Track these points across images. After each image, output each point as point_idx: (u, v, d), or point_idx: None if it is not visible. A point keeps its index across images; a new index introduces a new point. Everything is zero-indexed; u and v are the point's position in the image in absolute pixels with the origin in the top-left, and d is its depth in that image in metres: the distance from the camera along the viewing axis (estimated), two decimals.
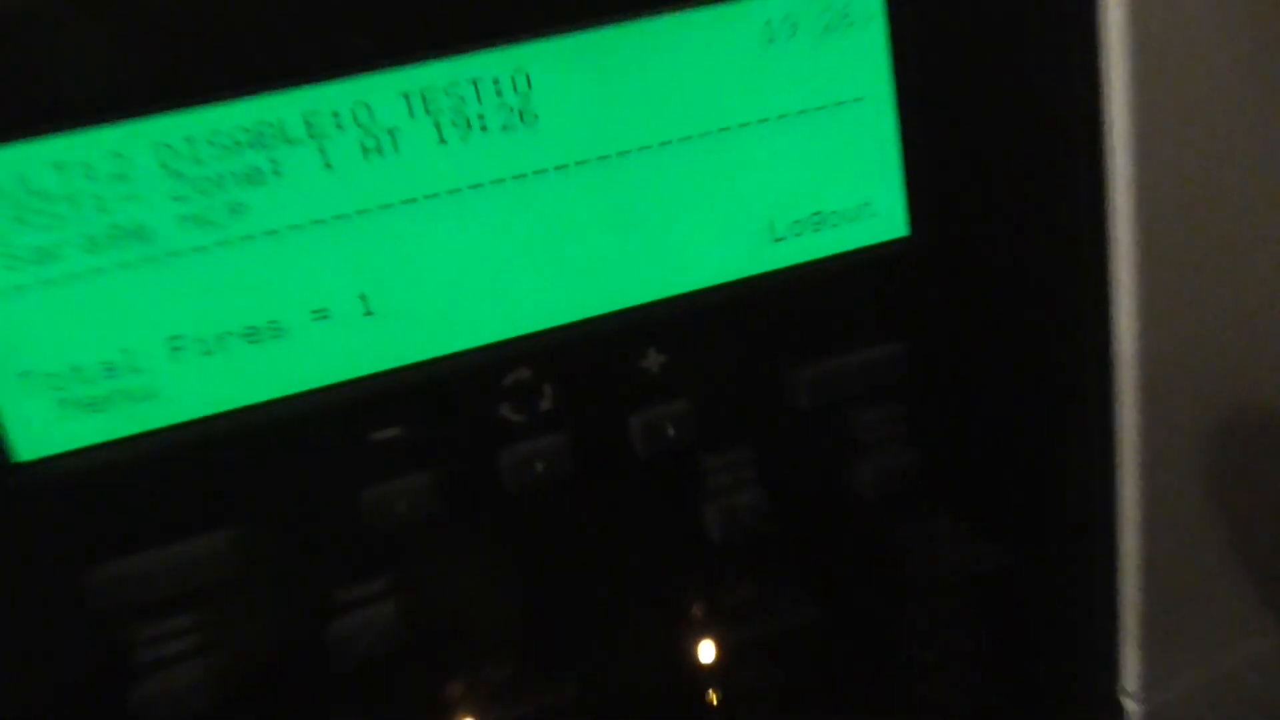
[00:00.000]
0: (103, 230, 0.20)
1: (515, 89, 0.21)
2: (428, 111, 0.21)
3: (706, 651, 0.25)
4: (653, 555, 0.24)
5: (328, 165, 0.21)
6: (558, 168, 0.22)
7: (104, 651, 0.21)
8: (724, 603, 0.25)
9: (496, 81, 0.21)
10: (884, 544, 0.25)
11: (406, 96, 0.21)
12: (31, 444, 0.20)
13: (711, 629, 0.25)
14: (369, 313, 0.22)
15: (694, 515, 0.24)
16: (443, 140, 0.21)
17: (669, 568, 0.25)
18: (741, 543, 0.24)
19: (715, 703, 0.26)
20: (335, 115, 0.20)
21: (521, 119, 0.21)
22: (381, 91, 0.21)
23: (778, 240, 0.24)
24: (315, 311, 0.21)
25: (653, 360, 0.23)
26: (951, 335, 0.25)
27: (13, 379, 0.20)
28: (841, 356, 0.24)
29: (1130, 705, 0.29)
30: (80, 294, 0.20)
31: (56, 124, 0.19)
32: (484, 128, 0.21)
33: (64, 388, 0.20)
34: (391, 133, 0.21)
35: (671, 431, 0.23)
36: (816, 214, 0.24)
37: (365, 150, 0.21)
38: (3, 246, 0.19)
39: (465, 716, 0.24)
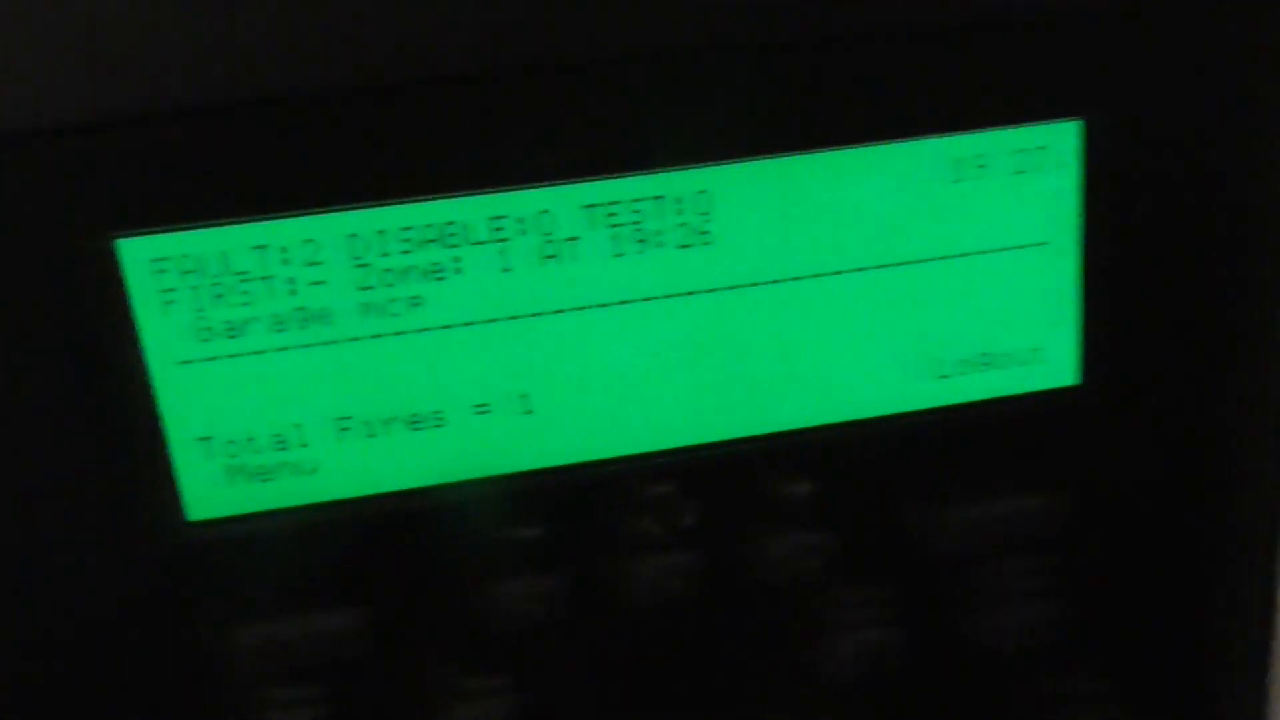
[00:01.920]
0: (290, 311, 0.21)
1: (696, 209, 0.21)
2: (608, 225, 0.21)
3: None
4: (772, 685, 0.24)
5: (506, 268, 0.21)
6: (729, 288, 0.22)
7: (234, 712, 0.22)
8: None
9: (679, 200, 0.21)
10: (1019, 700, 0.24)
11: (590, 209, 0.21)
12: (200, 505, 0.21)
13: None
14: (528, 411, 0.22)
15: (819, 649, 0.24)
16: (619, 253, 0.21)
17: (787, 700, 0.24)
18: (866, 682, 0.24)
19: None
20: (520, 221, 0.21)
21: (698, 238, 0.22)
22: (566, 202, 0.21)
23: (941, 378, 0.23)
24: (477, 405, 0.22)
25: (800, 488, 0.23)
26: (1113, 489, 0.24)
27: (192, 442, 0.21)
28: (995, 503, 0.23)
29: None
30: (262, 369, 0.21)
31: (260, 210, 0.20)
32: (661, 244, 0.21)
33: (236, 455, 0.21)
34: (571, 242, 0.21)
35: (811, 562, 0.23)
36: (984, 355, 0.23)
37: (544, 257, 0.21)
38: (200, 319, 0.20)
39: None
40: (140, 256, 0.20)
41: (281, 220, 0.20)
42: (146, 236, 0.20)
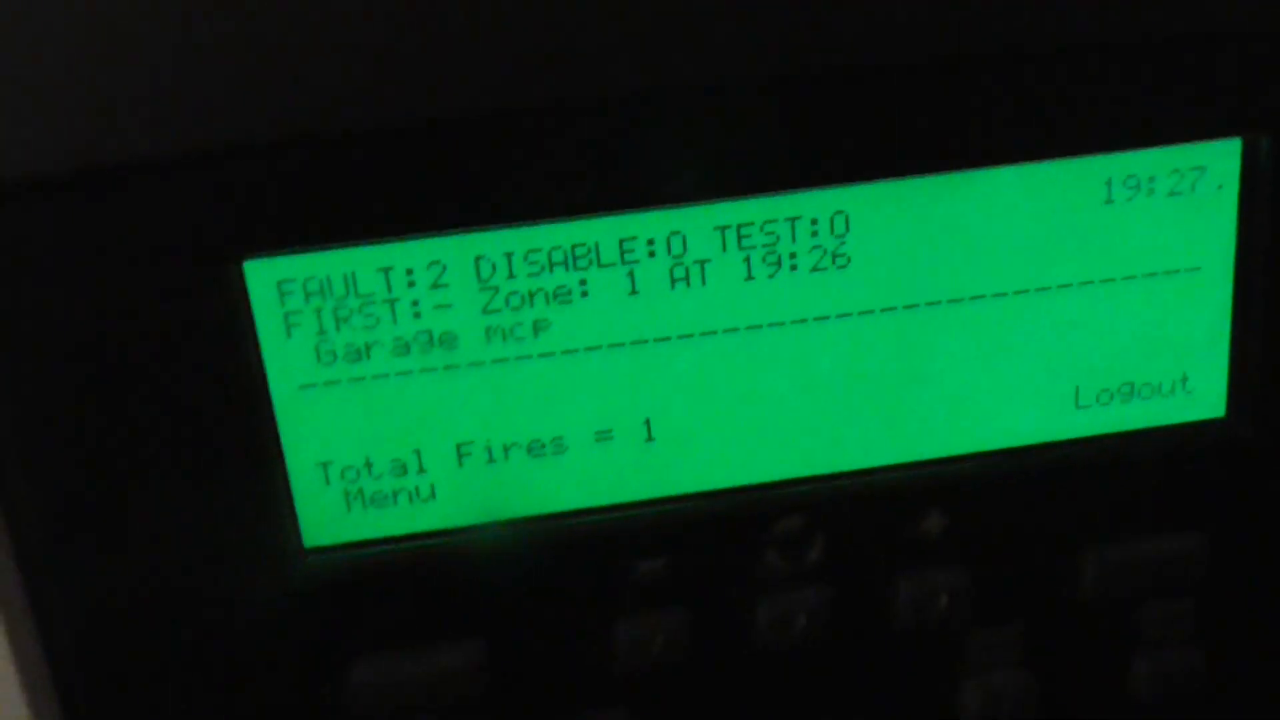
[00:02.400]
0: (413, 335, 0.20)
1: (832, 231, 0.20)
2: (740, 247, 0.20)
3: None
4: None
5: (634, 291, 0.20)
6: (862, 313, 0.21)
7: None
8: None
9: (814, 222, 0.20)
10: None
11: (722, 231, 0.20)
12: (317, 532, 0.21)
13: None
14: (650, 439, 0.21)
15: (949, 692, 0.23)
16: (750, 276, 0.21)
17: None
18: None
19: None
20: (650, 243, 0.20)
21: (834, 261, 0.21)
22: (698, 224, 0.20)
23: (1080, 408, 0.22)
24: (599, 432, 0.21)
25: (933, 523, 0.22)
26: (1258, 529, 0.23)
27: (312, 468, 0.21)
28: (1136, 542, 0.22)
29: None
30: (383, 393, 0.20)
31: (387, 233, 0.19)
32: (794, 267, 0.21)
33: (355, 481, 0.21)
34: (701, 264, 0.20)
35: (944, 601, 0.22)
36: (1127, 384, 0.22)
37: (673, 280, 0.20)
38: (323, 343, 0.20)
39: None
40: (266, 279, 0.19)
41: (408, 242, 0.20)
42: (272, 258, 0.19)
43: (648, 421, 0.21)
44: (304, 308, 0.20)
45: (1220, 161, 0.21)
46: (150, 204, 0.18)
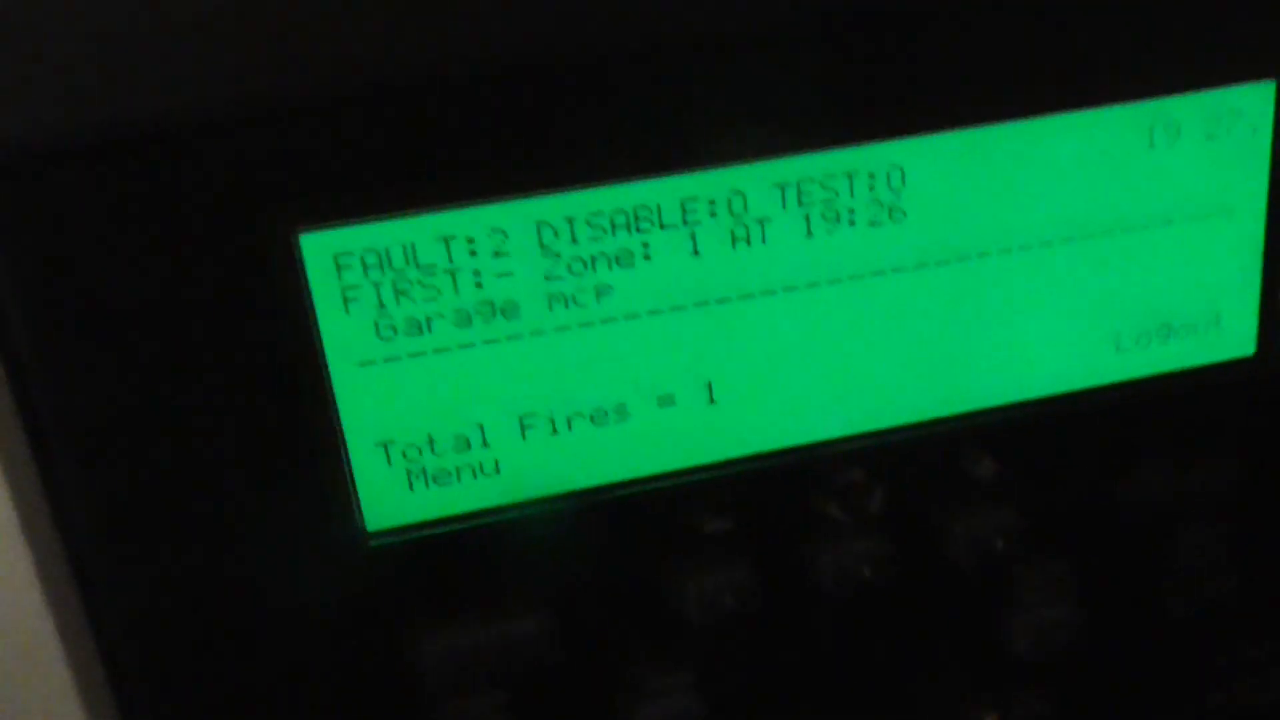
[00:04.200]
0: (475, 305, 0.20)
1: (889, 185, 0.20)
2: (800, 203, 0.20)
3: None
4: (954, 665, 0.23)
5: (696, 252, 0.20)
6: (918, 266, 0.21)
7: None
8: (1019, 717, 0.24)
9: (872, 176, 0.20)
10: (1194, 669, 0.24)
11: (782, 188, 0.20)
12: (380, 514, 0.20)
13: None
14: (712, 401, 0.21)
15: (1001, 629, 0.23)
16: (810, 233, 0.20)
17: (969, 678, 0.24)
18: (1049, 659, 0.23)
19: None
20: (711, 203, 0.20)
21: (890, 215, 0.21)
22: (758, 182, 0.20)
23: (1120, 351, 0.23)
24: (661, 397, 0.21)
25: (985, 467, 0.22)
26: None
27: (371, 448, 0.20)
28: (1175, 475, 0.23)
29: None
30: (444, 367, 0.20)
31: (446, 200, 0.19)
32: (852, 222, 0.21)
33: (416, 459, 0.20)
34: (761, 223, 0.20)
35: (999, 543, 0.22)
36: (1164, 325, 0.23)
37: (734, 239, 0.20)
38: (382, 318, 0.19)
39: None
40: (322, 251, 0.19)
41: (469, 209, 0.19)
42: (329, 230, 0.18)
43: (710, 384, 0.21)
44: (363, 281, 0.19)
45: (1254, 105, 0.21)
46: (201, 173, 0.17)
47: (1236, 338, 0.23)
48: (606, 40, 0.18)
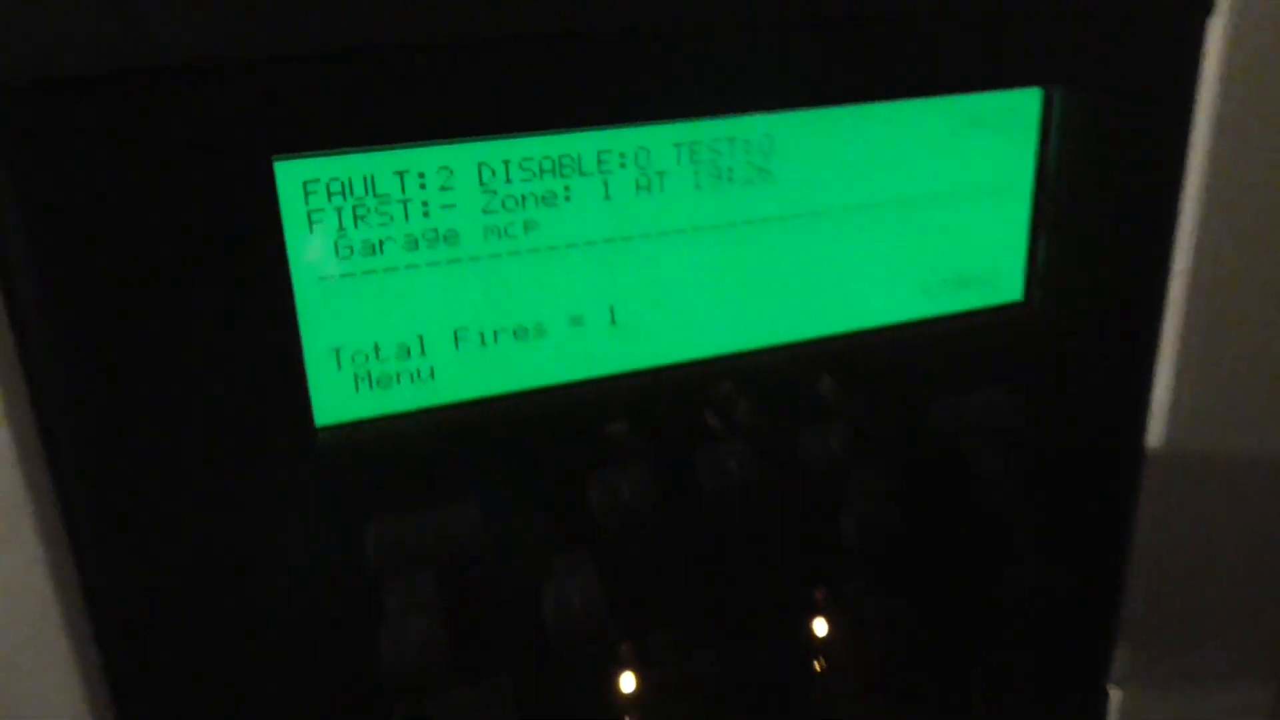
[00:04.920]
0: (422, 232, 0.23)
1: (761, 149, 0.25)
2: (692, 161, 0.25)
3: (821, 628, 0.30)
4: (798, 552, 0.29)
5: (607, 196, 0.24)
6: (780, 217, 0.26)
7: (360, 600, 0.24)
8: (842, 590, 0.30)
9: (748, 142, 0.25)
10: (986, 555, 0.31)
11: (678, 147, 0.24)
12: (328, 411, 0.23)
13: (828, 611, 0.30)
14: (614, 322, 0.25)
15: (836, 524, 0.29)
16: (699, 186, 0.25)
17: (809, 563, 0.29)
18: (874, 549, 0.29)
19: (819, 669, 0.30)
20: (622, 156, 0.24)
21: (760, 175, 0.25)
22: (661, 140, 0.24)
23: (926, 293, 0.29)
24: (573, 317, 0.25)
25: (826, 384, 0.27)
26: (1054, 387, 0.31)
27: (325, 353, 0.23)
28: (966, 396, 0.29)
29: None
30: (393, 285, 0.23)
31: (403, 140, 0.22)
32: (731, 179, 0.25)
33: (364, 364, 0.23)
34: (661, 175, 0.24)
35: (835, 447, 0.27)
36: (959, 275, 0.29)
37: (639, 187, 0.24)
38: (341, 239, 0.22)
39: (628, 671, 0.27)
40: (294, 177, 0.21)
41: (422, 148, 0.22)
42: (301, 159, 0.21)
43: (612, 308, 0.25)
44: (326, 205, 0.22)
45: (1027, 105, 0.28)
46: (192, 105, 0.20)
47: (1010, 286, 0.30)
48: (544, 19, 0.22)
